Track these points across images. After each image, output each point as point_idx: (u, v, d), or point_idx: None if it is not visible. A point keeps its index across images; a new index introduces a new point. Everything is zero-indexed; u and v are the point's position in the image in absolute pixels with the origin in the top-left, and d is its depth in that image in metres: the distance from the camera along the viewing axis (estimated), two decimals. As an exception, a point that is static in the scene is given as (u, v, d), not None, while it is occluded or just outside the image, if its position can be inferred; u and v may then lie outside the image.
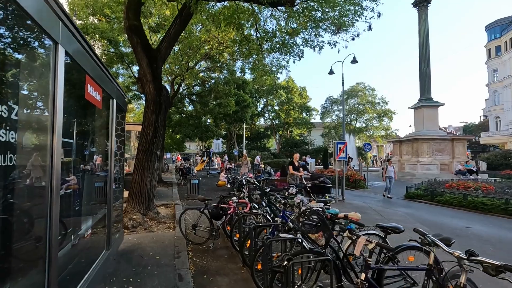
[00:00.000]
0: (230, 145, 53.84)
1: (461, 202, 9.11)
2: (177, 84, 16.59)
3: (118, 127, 4.78)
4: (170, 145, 29.45)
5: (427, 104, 19.76)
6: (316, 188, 7.68)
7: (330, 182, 8.13)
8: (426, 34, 20.46)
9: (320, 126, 57.98)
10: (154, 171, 7.03)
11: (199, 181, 10.81)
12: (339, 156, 10.13)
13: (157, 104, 7.01)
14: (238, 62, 16.62)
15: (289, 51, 10.80)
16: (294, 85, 49.03)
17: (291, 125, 51.12)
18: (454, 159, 18.77)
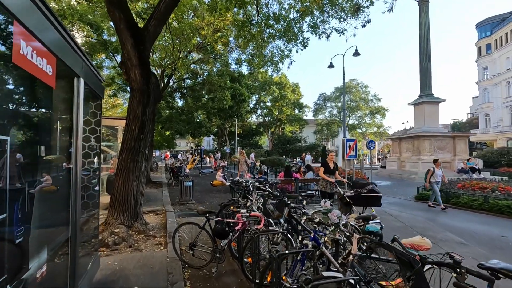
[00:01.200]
0: (222, 142, 52.56)
1: (482, 205, 8.35)
2: (166, 77, 15.32)
3: (92, 120, 3.63)
4: (160, 142, 28.07)
5: (428, 100, 19.13)
6: (362, 199, 5.56)
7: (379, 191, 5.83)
8: (427, 27, 19.78)
9: (312, 123, 57.36)
10: (141, 173, 5.88)
11: (192, 181, 9.68)
12: (349, 154, 9.21)
13: (145, 94, 5.85)
14: (233, 53, 15.48)
15: (294, 38, 9.76)
16: (287, 81, 48.10)
17: (284, 122, 50.26)
18: (455, 157, 18.23)
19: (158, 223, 6.70)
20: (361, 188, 5.59)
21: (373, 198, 5.56)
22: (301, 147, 47.71)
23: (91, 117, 3.62)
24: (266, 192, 4.74)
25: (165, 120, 16.59)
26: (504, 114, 43.07)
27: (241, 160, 14.41)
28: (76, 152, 2.62)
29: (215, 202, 9.66)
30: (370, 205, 5.94)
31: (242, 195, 5.41)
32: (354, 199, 5.63)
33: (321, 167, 7.04)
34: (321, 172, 6.91)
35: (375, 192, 5.56)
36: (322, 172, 6.90)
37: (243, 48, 11.70)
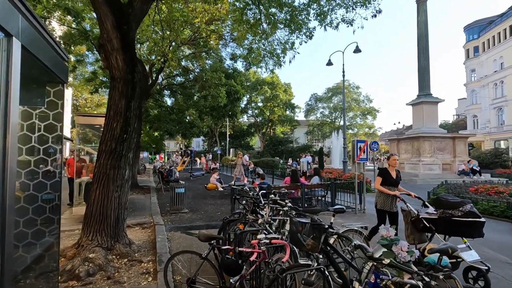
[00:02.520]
0: (212, 143, 51.28)
1: (505, 212, 7.66)
2: (155, 73, 14.13)
3: (50, 112, 2.55)
4: (148, 143, 26.63)
5: (427, 100, 18.65)
6: (453, 225, 3.83)
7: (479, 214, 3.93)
8: (425, 25, 19.35)
9: (304, 124, 56.84)
10: (125, 182, 4.79)
11: (184, 188, 8.57)
12: (359, 157, 8.33)
13: (129, 84, 4.77)
14: (227, 48, 14.45)
15: (298, 28, 8.83)
16: (279, 81, 47.37)
17: (275, 122, 49.49)
18: (455, 158, 17.79)
19: (145, 240, 5.60)
20: (453, 209, 3.83)
21: (471, 224, 3.75)
22: (292, 148, 47.04)
23: (49, 108, 2.54)
24: (286, 207, 3.71)
25: (154, 120, 15.37)
26: (492, 115, 43.67)
27: (238, 163, 13.40)
28: (4, 159, 1.56)
29: (210, 211, 8.59)
30: (465, 235, 3.96)
31: (248, 208, 4.40)
32: (440, 224, 3.90)
33: (378, 177, 5.17)
34: (378, 183, 5.14)
35: (475, 215, 3.77)
36: (378, 183, 5.11)
37: (241, 40, 10.69)
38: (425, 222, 4.07)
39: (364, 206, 8.49)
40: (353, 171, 8.55)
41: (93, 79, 12.82)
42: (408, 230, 4.34)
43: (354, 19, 8.90)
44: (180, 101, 16.02)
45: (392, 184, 5.13)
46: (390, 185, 5.10)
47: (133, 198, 10.75)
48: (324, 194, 8.80)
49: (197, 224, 7.00)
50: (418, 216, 4.20)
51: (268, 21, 7.74)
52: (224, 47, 14.09)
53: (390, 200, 5.06)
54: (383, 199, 5.12)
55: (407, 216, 4.46)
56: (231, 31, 11.85)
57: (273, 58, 9.55)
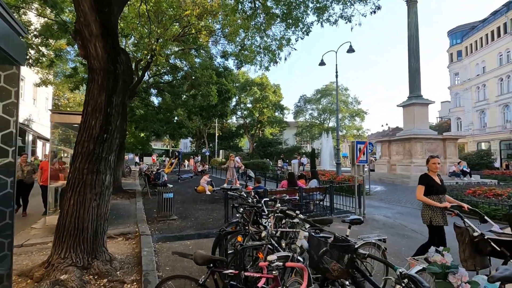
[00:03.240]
0: (200, 144, 50.33)
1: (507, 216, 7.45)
2: (141, 70, 13.37)
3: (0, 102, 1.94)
4: (133, 144, 25.58)
5: (418, 101, 18.66)
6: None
7: None
8: (415, 27, 19.40)
9: (293, 126, 56.76)
10: (105, 189, 4.14)
11: (173, 193, 7.91)
12: (359, 159, 7.94)
13: (110, 76, 4.14)
14: (218, 45, 13.84)
15: (295, 23, 8.38)
16: (268, 82, 47.08)
17: (265, 123, 49.12)
18: (446, 160, 17.84)
19: (129, 254, 4.95)
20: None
21: None
22: (282, 150, 46.78)
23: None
24: (297, 219, 3.15)
25: (140, 120, 14.56)
26: (474, 118, 44.85)
27: (230, 166, 12.79)
28: None
29: (202, 217, 7.98)
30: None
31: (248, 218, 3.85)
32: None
33: (419, 186, 4.20)
34: (420, 192, 4.15)
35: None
36: (421, 193, 4.14)
37: (233, 36, 10.14)
38: (494, 245, 3.21)
39: (364, 210, 8.10)
40: (352, 174, 8.15)
41: (73, 75, 11.95)
42: (465, 252, 3.50)
43: (352, 15, 8.55)
44: (168, 101, 15.28)
45: (439, 192, 4.18)
46: (437, 193, 4.15)
47: (116, 203, 9.99)
48: (323, 198, 8.36)
49: (187, 232, 6.38)
50: (483, 236, 3.34)
51: (266, 12, 7.21)
52: (214, 44, 13.50)
53: (439, 213, 4.08)
54: (432, 213, 4.12)
55: (463, 234, 3.61)
56: (223, 26, 11.29)
57: (268, 55, 9.05)
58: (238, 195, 4.81)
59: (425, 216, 4.23)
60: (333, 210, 8.05)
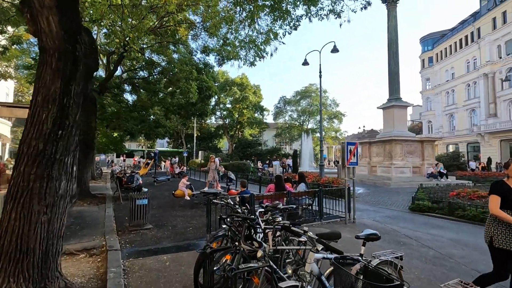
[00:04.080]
0: (177, 145, 48.70)
1: (496, 218, 7.37)
2: (113, 64, 12.26)
3: None
4: (105, 144, 23.92)
5: (397, 104, 18.92)
6: None
7: None
8: (395, 30, 19.70)
9: (273, 127, 56.67)
10: (59, 199, 3.31)
11: (148, 198, 7.06)
12: (349, 161, 7.54)
13: (68, 59, 3.34)
14: (199, 40, 13.01)
15: (282, 16, 7.85)
16: (248, 82, 46.64)
17: (244, 124, 48.55)
18: (424, 161, 18.20)
19: (92, 275, 4.11)
20: None
21: None
22: (261, 151, 46.42)
23: None
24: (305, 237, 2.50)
25: (111, 117, 13.36)
26: (444, 121, 47.11)
27: (211, 168, 12.01)
28: None
29: (180, 225, 7.19)
30: None
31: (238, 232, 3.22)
32: None
33: (492, 196, 3.35)
34: (496, 205, 3.26)
35: None
36: (497, 205, 3.24)
37: (214, 30, 9.42)
38: None
39: (354, 215, 7.71)
40: (342, 176, 7.74)
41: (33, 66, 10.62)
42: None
43: (342, 10, 8.18)
44: (143, 98, 14.21)
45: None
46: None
47: (82, 210, 8.92)
48: (311, 202, 7.89)
49: (164, 245, 5.59)
50: None
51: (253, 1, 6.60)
52: (194, 38, 12.67)
53: (509, 233, 3.16)
54: (504, 232, 3.19)
55: None
56: (204, 19, 10.53)
57: (254, 49, 8.44)
58: (224, 203, 4.14)
59: (487, 232, 3.39)
60: (322, 215, 7.59)
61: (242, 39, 9.27)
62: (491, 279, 3.36)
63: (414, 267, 4.44)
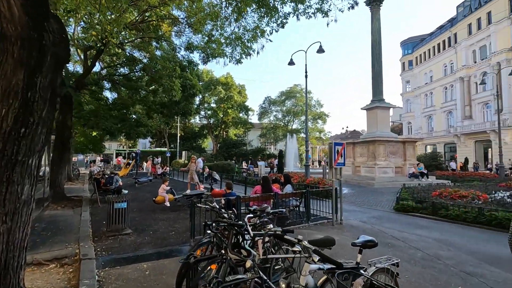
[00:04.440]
0: (160, 145, 47.57)
1: (477, 218, 7.50)
2: (91, 60, 11.62)
3: None
4: (84, 144, 22.90)
5: (381, 105, 19.24)
6: None
7: None
8: (378, 32, 20.04)
9: (257, 127, 56.58)
10: (21, 205, 2.93)
11: (127, 201, 6.64)
12: (337, 161, 7.46)
13: (33, 48, 2.97)
14: (182, 37, 12.59)
15: (270, 13, 7.66)
16: (233, 82, 46.23)
17: (229, 124, 48.10)
18: (406, 162, 18.60)
19: (62, 289, 3.73)
20: None
21: None
22: (246, 151, 46.18)
23: None
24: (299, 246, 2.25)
25: (89, 115, 12.67)
26: (423, 122, 48.71)
27: (191, 169, 11.62)
28: None
29: (162, 230, 6.83)
30: None
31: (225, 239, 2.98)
32: None
33: None
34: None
35: None
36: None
37: (199, 25, 9.10)
38: None
39: (341, 217, 7.63)
40: (330, 177, 7.65)
41: None
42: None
43: (330, 9, 8.09)
44: (124, 96, 13.60)
45: None
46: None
47: (56, 215, 8.35)
48: (298, 203, 7.74)
49: (144, 251, 5.24)
50: None
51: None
52: (178, 35, 12.25)
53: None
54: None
55: None
56: (188, 15, 10.17)
57: (240, 46, 8.20)
58: (210, 207, 3.87)
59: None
60: (310, 217, 7.46)
61: (228, 36, 9.01)
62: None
63: (405, 270, 4.35)
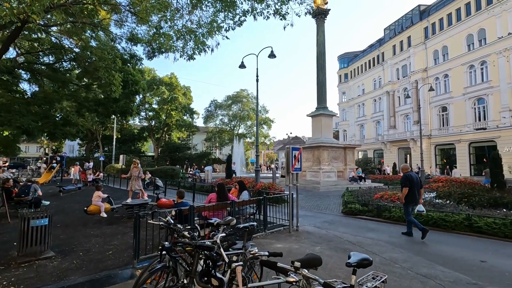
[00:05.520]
0: (92, 148, 42.52)
1: (416, 219, 8.14)
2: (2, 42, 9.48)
3: None
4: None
5: (325, 112, 20.30)
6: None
7: None
8: (323, 44, 21.21)
9: (203, 130, 55.09)
10: None
11: (49, 217, 5.34)
12: (294, 167, 7.30)
13: None
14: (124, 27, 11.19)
15: (227, 8, 7.18)
16: (178, 83, 44.13)
17: (172, 127, 45.64)
18: (346, 166, 19.88)
19: None
20: None
21: None
22: (191, 155, 44.35)
23: None
24: (294, 277, 1.82)
25: (-3, 110, 10.22)
26: (356, 130, 53.60)
27: (133, 174, 10.31)
28: None
29: (96, 249, 5.69)
30: None
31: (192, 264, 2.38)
32: None
33: None
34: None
35: None
36: None
37: (146, 14, 8.12)
38: None
39: (297, 223, 7.48)
40: (286, 183, 7.45)
41: None
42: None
43: (287, 13, 8.01)
44: (47, 89, 11.44)
45: None
46: None
47: None
48: (254, 211, 7.35)
49: (72, 281, 4.17)
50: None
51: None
52: (119, 24, 10.84)
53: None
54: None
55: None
56: (132, 2, 9.04)
57: (194, 40, 7.52)
58: (164, 224, 3.17)
59: None
60: (267, 225, 7.13)
61: (179, 30, 8.25)
62: None
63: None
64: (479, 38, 29.65)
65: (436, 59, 34.95)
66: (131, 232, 5.86)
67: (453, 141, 31.71)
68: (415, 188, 6.94)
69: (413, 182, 6.92)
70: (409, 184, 6.88)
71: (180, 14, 8.30)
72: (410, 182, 6.91)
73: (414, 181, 6.94)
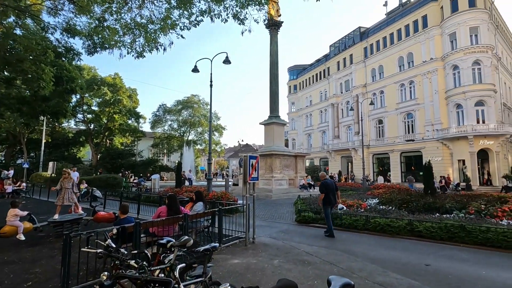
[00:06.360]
0: (14, 153, 36.56)
1: (365, 225, 8.53)
2: None
3: None
4: None
5: (277, 121, 20.66)
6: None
7: None
8: (276, 54, 21.75)
9: (149, 136, 51.86)
10: None
11: None
12: (251, 176, 7.03)
13: None
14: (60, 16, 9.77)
15: (183, 5, 6.69)
16: (123, 84, 40.89)
17: (115, 131, 41.93)
18: (297, 174, 20.42)
19: None
20: None
21: None
22: (135, 162, 41.17)
23: None
24: None
25: None
26: (304, 139, 56.19)
27: (65, 186, 8.85)
28: None
29: (12, 280, 4.56)
30: None
31: None
32: None
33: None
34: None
35: None
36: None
37: (88, 5, 7.15)
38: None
39: (254, 235, 7.17)
40: (243, 193, 7.12)
41: None
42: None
43: (246, 18, 7.84)
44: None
45: None
46: None
47: None
48: (209, 224, 6.84)
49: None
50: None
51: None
52: (54, 13, 9.41)
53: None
54: None
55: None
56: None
57: (143, 36, 6.82)
58: (104, 252, 2.57)
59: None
60: (222, 239, 6.67)
61: (127, 23, 7.46)
62: None
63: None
64: (408, 60, 33.77)
65: (374, 76, 38.69)
66: (60, 255, 4.87)
67: (387, 150, 35.19)
68: (331, 192, 8.03)
69: (328, 187, 8.04)
70: (325, 189, 7.98)
71: (129, 7, 7.52)
72: (326, 188, 8.02)
73: (329, 186, 8.07)
